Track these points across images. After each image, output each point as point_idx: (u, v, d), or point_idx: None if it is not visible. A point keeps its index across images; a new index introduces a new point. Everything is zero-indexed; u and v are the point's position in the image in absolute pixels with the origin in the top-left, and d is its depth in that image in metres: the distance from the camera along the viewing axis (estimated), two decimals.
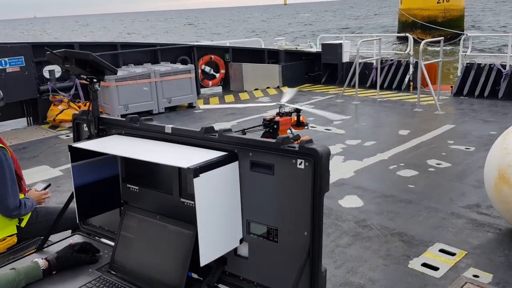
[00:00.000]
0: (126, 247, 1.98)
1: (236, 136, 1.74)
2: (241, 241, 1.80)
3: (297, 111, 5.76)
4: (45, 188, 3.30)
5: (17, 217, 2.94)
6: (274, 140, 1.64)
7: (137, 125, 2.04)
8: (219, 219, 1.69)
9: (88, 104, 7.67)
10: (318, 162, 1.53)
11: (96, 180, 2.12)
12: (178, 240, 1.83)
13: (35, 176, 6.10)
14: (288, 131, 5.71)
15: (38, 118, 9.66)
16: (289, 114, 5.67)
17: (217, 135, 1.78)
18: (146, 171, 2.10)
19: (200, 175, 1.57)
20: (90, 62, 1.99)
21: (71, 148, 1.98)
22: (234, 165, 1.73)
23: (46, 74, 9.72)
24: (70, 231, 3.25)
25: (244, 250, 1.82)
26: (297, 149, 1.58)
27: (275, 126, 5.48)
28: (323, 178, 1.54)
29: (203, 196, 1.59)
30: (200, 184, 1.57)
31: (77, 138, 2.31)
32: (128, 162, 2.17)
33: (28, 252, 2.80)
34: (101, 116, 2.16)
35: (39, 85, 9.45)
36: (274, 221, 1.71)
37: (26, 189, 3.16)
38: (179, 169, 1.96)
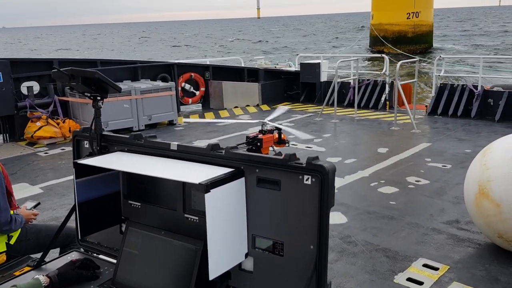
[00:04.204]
0: (129, 263, 1.99)
1: (242, 153, 1.80)
2: (246, 255, 1.85)
3: (278, 129, 5.88)
4: (34, 207, 3.27)
5: (7, 233, 2.91)
6: (281, 157, 1.70)
7: (141, 142, 2.08)
8: (226, 234, 1.74)
9: (67, 121, 7.50)
10: (325, 178, 1.60)
11: (98, 196, 2.13)
12: (184, 255, 1.86)
13: (15, 194, 5.97)
14: (270, 148, 5.80)
15: (14, 134, 9.49)
16: (271, 131, 5.78)
17: (223, 152, 1.83)
18: (148, 188, 2.13)
19: (211, 190, 1.62)
20: (96, 81, 2.03)
21: (76, 165, 2.00)
22: (241, 181, 1.79)
23: (24, 90, 9.58)
24: (58, 248, 3.23)
25: (249, 265, 1.86)
26: (304, 165, 1.64)
27: (258, 144, 5.57)
28: (329, 193, 1.61)
29: (213, 211, 1.64)
30: (211, 199, 1.62)
31: (77, 155, 2.32)
32: (130, 179, 2.19)
33: (20, 269, 2.76)
34: (103, 133, 2.19)
35: (16, 102, 9.30)
36: (280, 236, 1.77)
37: (16, 205, 3.13)
38: (183, 185, 2.00)
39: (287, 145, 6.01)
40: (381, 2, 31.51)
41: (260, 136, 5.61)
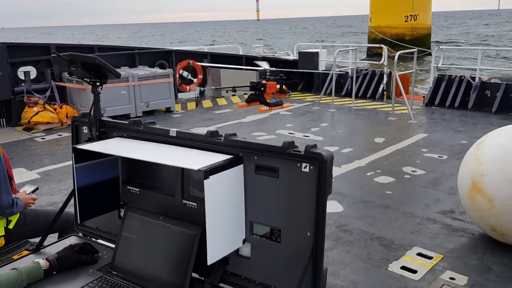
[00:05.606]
0: (127, 248, 2.02)
1: (241, 140, 1.82)
2: (243, 241, 1.87)
3: (281, 78, 5.98)
4: (33, 191, 3.29)
5: (9, 215, 2.94)
6: (279, 145, 1.72)
7: (140, 128, 2.09)
8: (225, 219, 1.76)
9: (64, 106, 7.54)
10: (323, 166, 1.62)
11: (97, 181, 2.15)
12: (182, 240, 1.89)
13: None
14: (272, 96, 5.90)
15: (11, 120, 9.47)
16: (274, 80, 5.89)
17: (222, 139, 1.85)
18: (147, 173, 2.15)
19: (210, 177, 1.64)
20: (96, 66, 2.03)
21: (75, 150, 2.01)
22: (239, 168, 1.80)
23: (21, 75, 9.54)
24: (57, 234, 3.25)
25: (246, 250, 1.89)
26: (302, 153, 1.66)
27: (262, 89, 5.66)
28: (327, 181, 1.63)
29: (212, 197, 1.66)
30: (210, 185, 1.64)
31: (76, 141, 2.33)
32: (129, 164, 2.21)
33: (18, 253, 2.79)
34: (102, 119, 2.20)
35: (13, 86, 9.27)
36: (277, 222, 1.79)
37: (16, 190, 3.15)
38: (182, 171, 2.01)
39: (288, 94, 6.13)
40: (379, 5, 31.39)
41: (264, 82, 5.71)
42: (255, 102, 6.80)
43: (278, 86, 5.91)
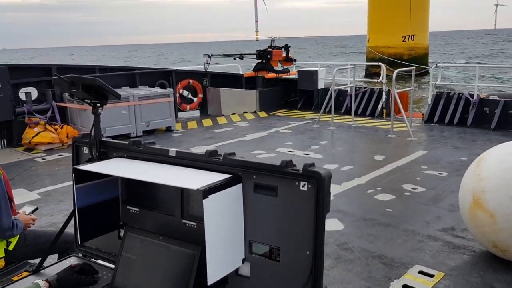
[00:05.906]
0: (127, 268, 2.02)
1: (240, 159, 1.84)
2: (243, 261, 1.88)
3: (286, 46, 6.05)
4: (32, 212, 3.29)
5: (9, 238, 2.93)
6: (278, 164, 1.74)
7: (140, 148, 2.11)
8: (224, 239, 1.77)
9: (64, 127, 7.59)
10: (321, 184, 1.63)
11: (97, 202, 2.16)
12: (182, 260, 1.89)
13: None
14: (279, 64, 5.98)
15: (12, 140, 9.50)
16: (279, 48, 5.97)
17: (221, 158, 1.87)
18: (147, 193, 2.16)
19: (209, 196, 1.65)
20: (96, 88, 2.07)
21: (75, 170, 2.03)
22: (238, 187, 1.82)
23: (22, 96, 9.61)
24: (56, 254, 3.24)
25: (245, 270, 1.89)
26: (300, 172, 1.68)
27: (268, 56, 5.75)
28: (325, 199, 1.65)
29: (211, 216, 1.67)
30: (209, 205, 1.65)
31: (77, 161, 2.35)
32: (129, 184, 2.22)
33: (18, 275, 2.78)
34: (102, 139, 2.22)
35: (14, 107, 9.33)
36: (276, 241, 1.80)
37: (16, 211, 3.15)
38: (182, 190, 2.03)
39: (294, 63, 6.18)
40: (377, 25, 31.77)
41: (270, 49, 5.80)
42: (262, 70, 6.77)
43: (284, 54, 6.02)
